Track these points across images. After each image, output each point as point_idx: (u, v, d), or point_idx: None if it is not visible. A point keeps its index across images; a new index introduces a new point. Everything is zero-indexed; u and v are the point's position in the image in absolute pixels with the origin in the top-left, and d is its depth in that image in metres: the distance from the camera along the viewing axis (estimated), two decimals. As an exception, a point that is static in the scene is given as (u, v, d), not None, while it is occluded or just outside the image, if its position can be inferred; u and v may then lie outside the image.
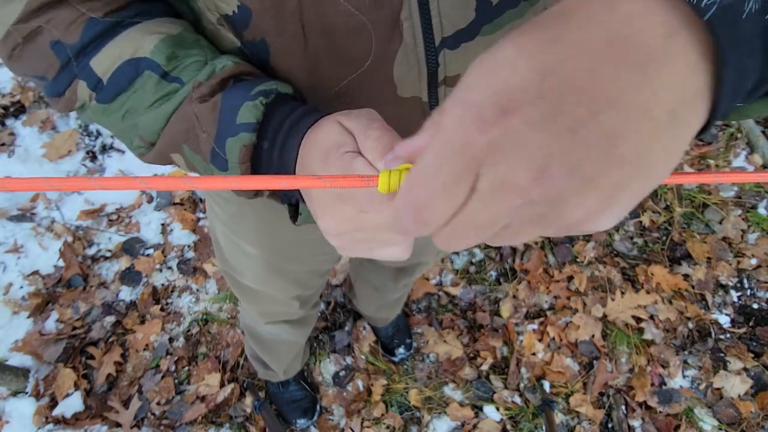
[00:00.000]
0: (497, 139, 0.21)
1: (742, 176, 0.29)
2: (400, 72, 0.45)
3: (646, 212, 1.87)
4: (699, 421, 1.50)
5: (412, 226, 0.25)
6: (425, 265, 1.12)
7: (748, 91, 0.23)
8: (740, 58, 0.21)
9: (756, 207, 1.87)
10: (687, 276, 1.73)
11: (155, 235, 1.78)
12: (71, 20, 0.39)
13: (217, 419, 1.49)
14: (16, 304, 1.60)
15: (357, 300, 1.53)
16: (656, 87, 0.20)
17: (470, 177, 0.22)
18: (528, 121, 0.21)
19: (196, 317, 1.64)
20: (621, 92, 0.20)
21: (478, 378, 1.58)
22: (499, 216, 0.23)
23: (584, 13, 0.21)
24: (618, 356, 1.61)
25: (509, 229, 0.25)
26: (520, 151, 0.21)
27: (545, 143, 0.21)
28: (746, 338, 1.64)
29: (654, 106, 0.21)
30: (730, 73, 0.21)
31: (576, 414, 1.53)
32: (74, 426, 1.45)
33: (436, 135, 0.23)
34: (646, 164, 0.22)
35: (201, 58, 0.42)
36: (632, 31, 0.20)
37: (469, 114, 0.22)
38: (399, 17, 0.40)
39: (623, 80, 0.20)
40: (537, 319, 1.67)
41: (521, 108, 0.21)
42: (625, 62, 0.20)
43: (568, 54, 0.21)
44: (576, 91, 0.20)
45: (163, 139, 0.42)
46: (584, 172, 0.21)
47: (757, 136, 2.00)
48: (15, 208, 1.78)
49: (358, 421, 1.50)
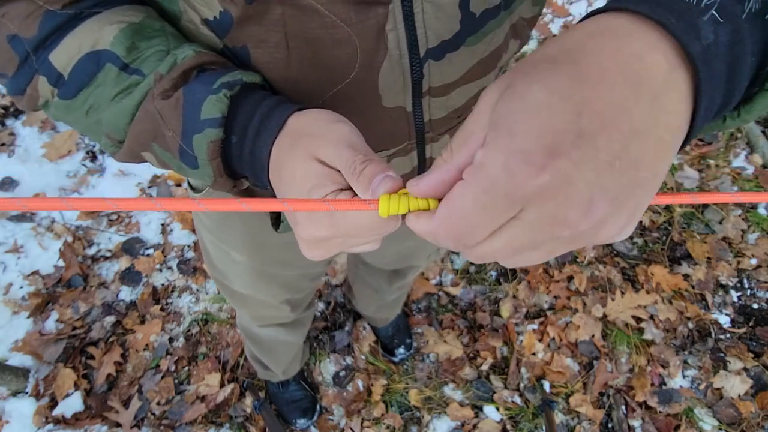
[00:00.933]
0: (549, 181, 0.23)
1: (718, 197, 0.31)
2: (384, 83, 0.44)
3: (646, 212, 1.88)
4: (699, 421, 1.50)
5: (452, 246, 0.28)
6: (417, 268, 1.13)
7: (712, 115, 0.27)
8: (713, 91, 0.25)
9: (756, 207, 1.87)
10: (687, 276, 1.73)
11: (155, 235, 1.78)
12: (28, 13, 0.38)
13: (217, 419, 1.49)
14: (16, 304, 1.60)
15: (356, 300, 1.54)
16: (665, 116, 0.24)
17: (514, 212, 0.25)
18: (575, 162, 0.23)
19: (196, 317, 1.64)
20: (643, 123, 0.23)
21: (478, 378, 1.58)
22: (542, 242, 0.26)
23: (597, 51, 0.24)
24: (618, 356, 1.61)
25: (540, 250, 0.27)
26: (568, 189, 0.23)
27: (590, 179, 0.23)
28: (746, 338, 1.64)
29: (665, 134, 0.24)
30: (705, 103, 0.25)
31: (576, 414, 1.53)
32: (74, 426, 1.45)
33: (476, 176, 0.25)
34: (656, 181, 0.25)
35: (163, 48, 0.40)
36: (643, 66, 0.23)
37: (517, 159, 0.23)
38: (384, 29, 0.40)
39: (644, 112, 0.23)
40: (537, 319, 1.67)
41: (567, 149, 0.23)
42: (642, 95, 0.23)
43: (595, 93, 0.23)
44: (609, 127, 0.23)
45: (131, 138, 0.41)
46: (620, 198, 0.24)
47: (757, 136, 2.00)
48: (15, 208, 1.78)
49: (358, 421, 1.50)
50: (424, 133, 0.53)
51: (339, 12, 0.38)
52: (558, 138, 0.23)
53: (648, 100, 0.23)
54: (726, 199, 0.30)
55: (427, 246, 0.97)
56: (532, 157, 0.23)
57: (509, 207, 0.24)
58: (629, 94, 0.23)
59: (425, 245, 0.96)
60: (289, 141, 0.36)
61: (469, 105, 0.53)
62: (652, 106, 0.23)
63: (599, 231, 0.25)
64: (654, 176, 0.25)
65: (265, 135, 0.37)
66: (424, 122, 0.51)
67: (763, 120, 2.09)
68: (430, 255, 1.04)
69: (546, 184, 0.23)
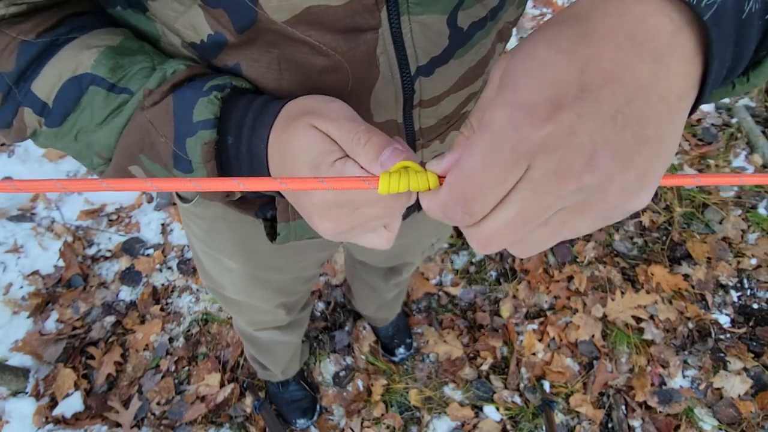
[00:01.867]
0: (553, 132, 0.23)
1: (721, 179, 0.30)
2: (376, 101, 0.45)
3: (646, 212, 1.87)
4: (699, 421, 1.50)
5: (460, 216, 0.27)
6: (412, 265, 1.14)
7: (721, 79, 0.27)
8: (723, 53, 0.25)
9: (756, 207, 1.87)
10: (687, 276, 1.73)
11: (155, 235, 1.78)
12: (3, 47, 0.37)
13: (217, 419, 1.49)
14: (16, 304, 1.60)
15: (356, 300, 1.54)
16: (669, 76, 0.24)
17: (521, 170, 0.24)
18: (578, 113, 0.23)
19: (196, 317, 1.64)
20: (646, 81, 0.24)
21: (478, 378, 1.58)
22: (551, 204, 0.25)
23: (602, 14, 0.24)
24: (618, 356, 1.61)
25: (550, 226, 0.26)
26: (572, 141, 0.23)
27: (592, 131, 0.23)
28: (746, 338, 1.64)
29: (668, 93, 0.24)
30: (716, 66, 0.25)
31: (576, 414, 1.53)
32: (74, 426, 1.45)
33: (483, 134, 0.25)
34: (664, 143, 0.25)
35: (147, 65, 0.39)
36: (646, 28, 0.24)
37: (521, 113, 0.24)
38: (375, 53, 0.40)
39: (647, 70, 0.23)
40: (537, 319, 1.67)
41: (570, 102, 0.23)
42: (645, 55, 0.24)
43: (599, 49, 0.24)
44: (612, 81, 0.23)
45: (119, 152, 0.40)
46: (624, 153, 0.24)
47: (757, 136, 2.00)
48: (15, 208, 1.78)
49: (358, 421, 1.50)
50: (415, 141, 0.53)
51: (329, 42, 0.38)
52: (561, 91, 0.23)
53: (651, 59, 0.23)
54: (731, 182, 0.30)
55: (421, 242, 0.97)
56: (536, 109, 0.23)
57: (516, 162, 0.24)
58: (632, 52, 0.23)
59: (419, 242, 0.96)
60: (286, 122, 0.36)
61: (458, 111, 0.53)
62: (655, 65, 0.24)
63: (607, 190, 0.25)
64: (660, 136, 0.24)
65: (260, 129, 0.37)
66: (415, 131, 0.51)
67: (763, 120, 2.09)
68: (424, 252, 1.04)
69: (550, 136, 0.23)
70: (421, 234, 0.92)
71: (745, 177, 0.30)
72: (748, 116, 2.07)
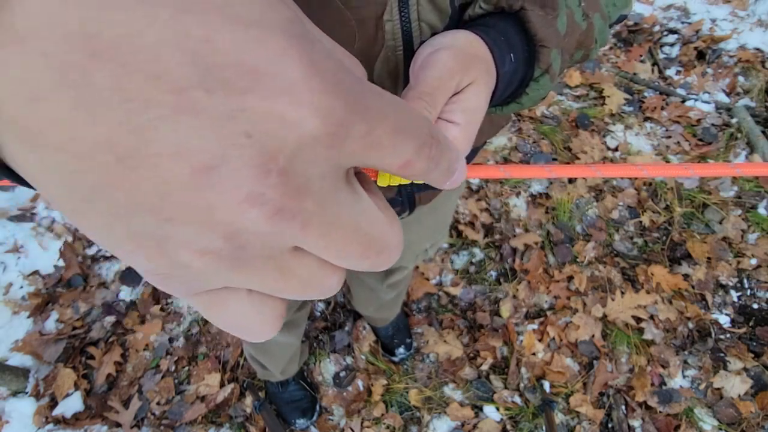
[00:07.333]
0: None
1: (718, 168, 0.30)
2: (379, 73, 0.45)
3: (646, 212, 1.87)
4: (699, 421, 1.50)
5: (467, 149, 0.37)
6: (404, 269, 1.15)
7: (505, 99, 0.44)
8: (503, 87, 0.41)
9: (756, 207, 1.87)
10: (687, 276, 1.73)
11: (155, 235, 1.78)
12: None
13: (217, 419, 1.49)
14: (16, 304, 1.60)
15: (355, 301, 1.54)
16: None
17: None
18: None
19: (196, 317, 1.64)
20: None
21: (478, 378, 1.58)
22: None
23: (458, 42, 0.38)
24: (618, 356, 1.61)
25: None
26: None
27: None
28: (746, 338, 1.64)
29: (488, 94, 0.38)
30: (498, 92, 0.40)
31: (576, 414, 1.53)
32: (74, 426, 1.45)
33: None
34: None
35: None
36: (477, 54, 0.37)
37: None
38: (382, 18, 0.41)
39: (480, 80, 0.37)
40: (537, 319, 1.67)
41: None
42: (478, 70, 0.36)
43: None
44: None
45: None
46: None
47: (757, 136, 2.00)
48: (15, 208, 1.78)
49: (358, 421, 1.50)
50: None
51: None
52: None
53: (482, 74, 0.37)
54: (726, 173, 0.30)
55: (413, 248, 0.97)
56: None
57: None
58: (487, 66, 0.37)
59: (411, 248, 0.97)
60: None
61: None
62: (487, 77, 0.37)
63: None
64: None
65: None
66: None
67: (763, 120, 2.09)
68: (417, 256, 1.05)
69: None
70: (412, 240, 0.92)
71: (739, 166, 0.30)
72: (748, 116, 2.07)
